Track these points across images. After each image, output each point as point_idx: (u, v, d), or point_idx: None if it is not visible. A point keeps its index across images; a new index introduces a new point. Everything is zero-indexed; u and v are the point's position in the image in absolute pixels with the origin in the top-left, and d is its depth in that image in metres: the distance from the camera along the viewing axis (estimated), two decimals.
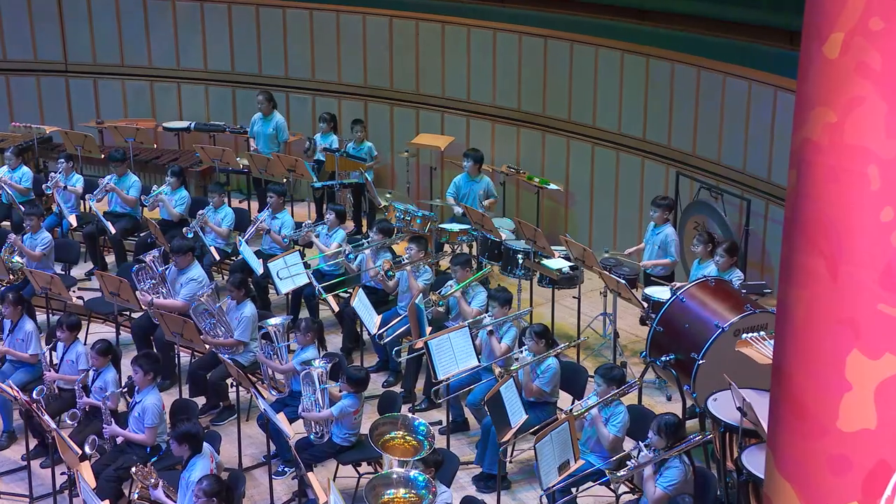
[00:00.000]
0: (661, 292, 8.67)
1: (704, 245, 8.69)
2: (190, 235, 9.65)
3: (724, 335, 7.46)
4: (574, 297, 9.33)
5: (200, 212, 10.04)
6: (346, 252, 9.09)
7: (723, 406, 6.79)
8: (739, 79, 9.66)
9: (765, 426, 4.94)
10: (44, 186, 10.79)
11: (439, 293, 8.52)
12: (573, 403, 7.72)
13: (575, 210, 11.39)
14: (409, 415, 6.56)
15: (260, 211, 10.20)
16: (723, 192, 9.71)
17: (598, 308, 9.64)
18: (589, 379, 7.95)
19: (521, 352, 7.60)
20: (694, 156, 10.21)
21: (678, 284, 8.59)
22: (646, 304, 8.64)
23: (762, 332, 7.34)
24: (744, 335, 7.38)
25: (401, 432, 6.17)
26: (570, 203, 11.41)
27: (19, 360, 8.32)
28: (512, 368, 7.41)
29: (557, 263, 9.33)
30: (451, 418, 7.97)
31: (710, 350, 7.46)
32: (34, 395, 7.55)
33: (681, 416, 7.60)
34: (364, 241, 9.41)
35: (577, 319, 9.30)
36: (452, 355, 7.62)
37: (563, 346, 7.72)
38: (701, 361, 7.47)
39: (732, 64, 9.80)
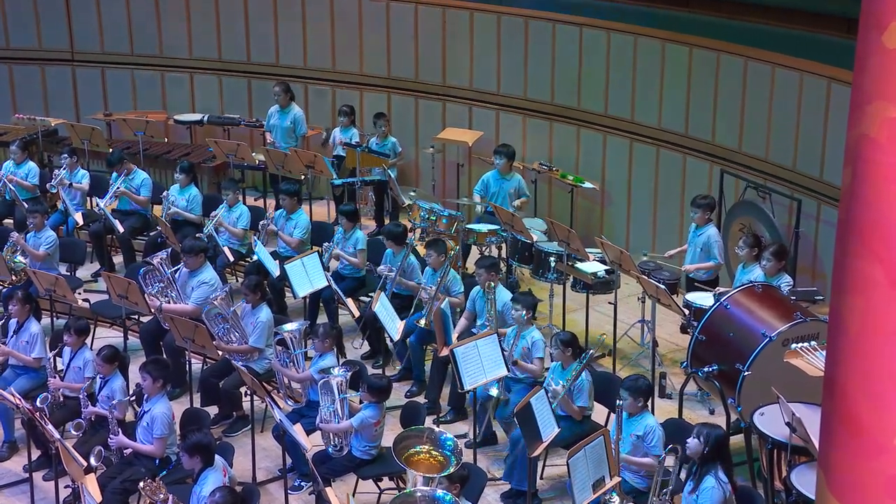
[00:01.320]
0: (703, 298, 8.63)
1: (750, 248, 8.65)
2: (204, 238, 9.71)
3: (771, 345, 7.42)
4: (610, 303, 9.31)
5: (214, 213, 10.10)
6: (399, 272, 8.98)
7: (770, 421, 6.75)
8: (790, 70, 9.61)
9: (816, 443, 4.91)
10: (48, 186, 10.88)
11: (555, 385, 7.65)
12: (608, 416, 7.71)
13: (611, 210, 11.36)
14: (436, 428, 6.56)
15: (277, 210, 10.24)
16: (771, 192, 9.66)
17: (636, 315, 9.61)
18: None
19: (554, 384, 7.47)
20: (740, 152, 10.16)
21: (722, 290, 8.57)
22: (687, 311, 8.61)
23: (813, 343, 7.29)
24: (793, 345, 7.33)
25: (426, 446, 6.18)
26: (606, 203, 11.38)
27: (22, 365, 8.39)
28: (555, 387, 7.36)
29: (592, 267, 9.32)
30: (478, 431, 7.96)
31: (757, 361, 7.43)
32: (37, 403, 7.60)
33: (726, 430, 7.58)
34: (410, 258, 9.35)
35: (612, 327, 9.27)
36: (480, 363, 7.63)
37: (589, 352, 7.62)
38: (746, 373, 7.44)
39: (782, 54, 9.75)
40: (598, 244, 9.26)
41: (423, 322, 8.70)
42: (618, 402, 6.88)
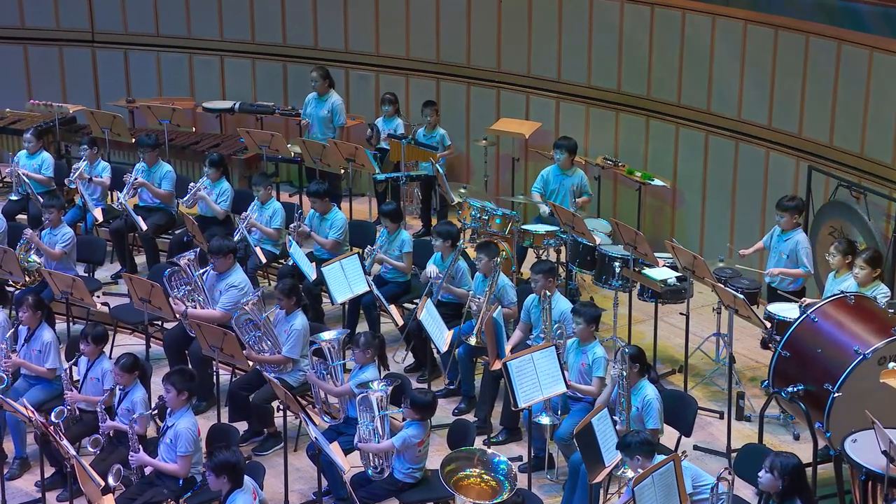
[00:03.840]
0: (788, 310, 8.53)
1: (842, 255, 8.54)
2: (237, 239, 9.76)
3: (865, 363, 7.32)
4: (681, 314, 9.24)
5: (245, 213, 10.15)
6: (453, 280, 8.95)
7: (864, 449, 6.66)
8: (890, 54, 9.46)
9: None
10: (66, 181, 10.99)
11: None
12: (679, 440, 7.64)
13: (684, 210, 11.26)
14: (488, 450, 6.54)
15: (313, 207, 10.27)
16: (866, 192, 9.53)
17: (711, 327, 9.52)
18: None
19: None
20: (831, 147, 10.04)
21: (809, 301, 8.45)
22: (769, 324, 8.51)
23: None
24: (890, 364, 7.24)
25: (477, 469, 6.17)
26: (677, 202, 11.29)
27: (36, 375, 8.48)
28: (618, 428, 7.30)
29: (662, 273, 9.24)
30: (532, 453, 7.93)
31: (849, 381, 7.34)
32: (52, 417, 7.68)
33: (812, 459, 7.49)
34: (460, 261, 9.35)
35: (684, 340, 9.19)
36: (536, 379, 7.60)
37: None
38: (837, 394, 7.34)
39: (882, 37, 9.60)
40: (669, 248, 9.19)
41: (472, 340, 8.67)
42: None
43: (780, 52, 10.28)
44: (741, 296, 8.41)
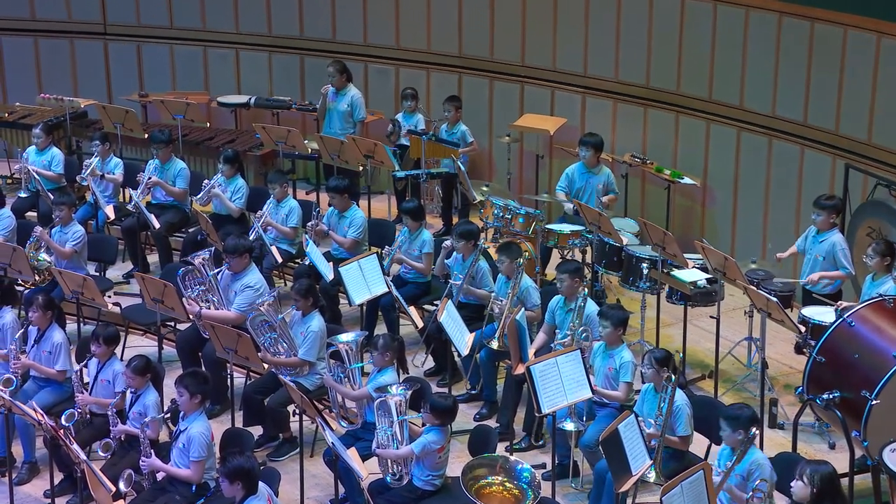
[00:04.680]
0: (823, 314, 8.49)
1: (881, 256, 8.49)
2: (252, 238, 9.78)
3: None
4: (712, 317, 9.20)
5: (260, 212, 10.16)
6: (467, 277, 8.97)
7: None
8: None
9: None
10: (78, 178, 11.03)
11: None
12: (709, 448, 7.61)
13: (715, 210, 11.22)
14: (511, 457, 6.54)
15: (331, 205, 10.28)
16: None
17: (742, 331, 9.48)
18: None
19: (646, 426, 7.36)
20: (869, 144, 9.99)
21: (845, 304, 8.41)
22: (803, 328, 8.47)
23: None
24: None
25: (500, 477, 6.18)
26: (708, 201, 11.26)
27: (45, 377, 8.52)
28: (648, 431, 7.27)
29: (691, 275, 9.22)
30: (557, 461, 7.92)
31: (888, 387, 7.29)
32: (62, 421, 7.71)
33: (848, 469, 7.44)
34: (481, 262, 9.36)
35: (714, 344, 9.16)
36: (560, 384, 7.58)
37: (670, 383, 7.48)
38: (875, 402, 7.30)
39: None
40: (699, 249, 9.15)
41: (494, 344, 8.66)
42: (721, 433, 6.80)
43: (816, 45, 10.23)
44: (774, 299, 8.37)
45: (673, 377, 7.38)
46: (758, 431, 7.01)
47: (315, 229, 10.00)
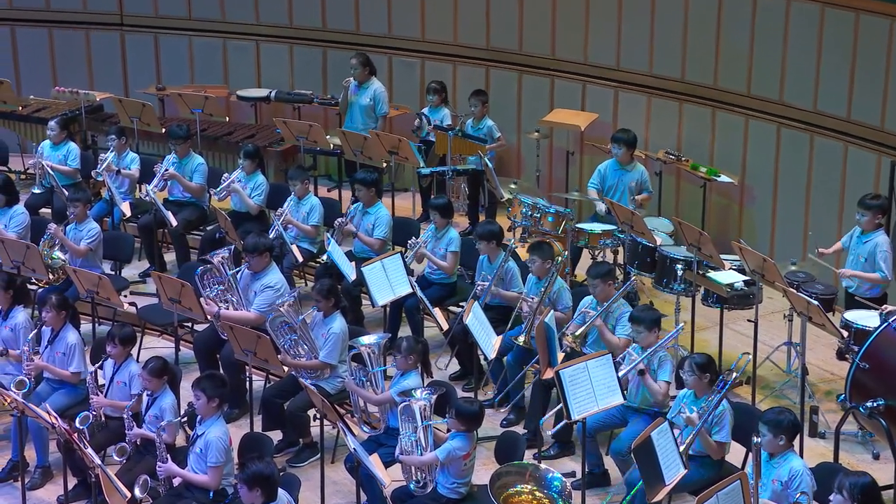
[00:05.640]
0: (866, 318, 8.46)
1: None
2: (272, 236, 9.81)
3: None
4: (749, 321, 9.17)
5: (281, 209, 10.19)
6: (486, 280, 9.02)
7: None
8: None
9: None
10: (93, 173, 11.09)
11: (571, 332, 8.40)
12: (746, 457, 7.58)
13: (753, 209, 11.18)
14: (540, 465, 6.54)
15: (354, 203, 10.30)
16: None
17: (782, 336, 9.45)
18: None
19: (688, 411, 7.39)
20: None
21: (891, 308, 8.35)
22: (846, 333, 8.44)
23: None
24: None
25: (529, 486, 6.18)
26: (746, 200, 11.22)
27: (59, 380, 8.58)
28: (688, 414, 7.28)
29: (728, 277, 9.19)
30: (587, 469, 7.91)
31: None
32: (76, 424, 7.75)
33: (893, 480, 7.40)
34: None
35: (752, 349, 9.12)
36: (591, 389, 7.57)
37: (730, 379, 7.53)
38: None
39: None
40: (736, 250, 9.12)
41: (521, 339, 8.67)
42: (754, 438, 6.77)
43: (860, 37, 10.17)
44: (815, 302, 8.34)
45: (730, 379, 7.37)
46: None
47: (343, 228, 10.01)
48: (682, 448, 6.96)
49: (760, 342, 9.16)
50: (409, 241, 9.76)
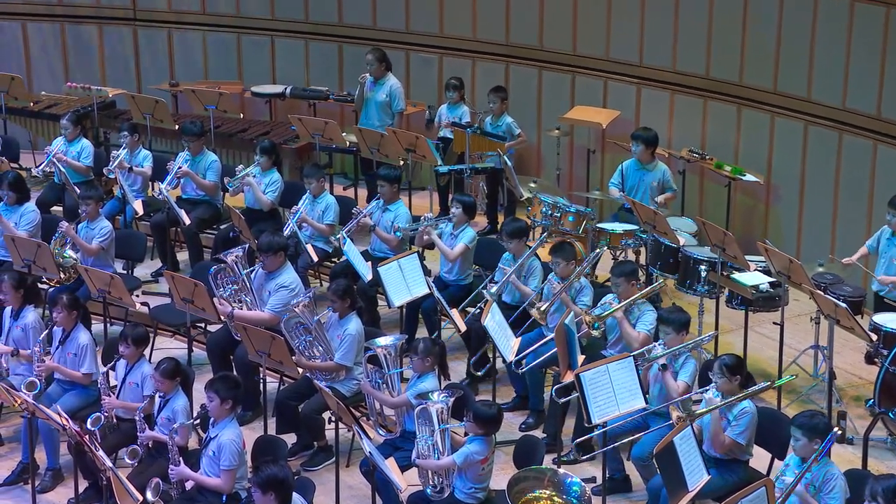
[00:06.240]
0: (895, 321, 8.41)
1: None
2: (286, 233, 9.83)
3: None
4: (775, 324, 9.16)
5: (296, 207, 10.21)
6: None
7: None
8: None
9: None
10: (105, 170, 11.12)
11: (593, 312, 8.47)
12: (772, 463, 7.57)
13: (779, 209, 11.15)
14: (559, 469, 6.54)
15: (369, 201, 10.31)
16: None
17: (808, 339, 9.42)
18: None
19: (706, 391, 7.47)
20: None
21: None
22: (875, 337, 8.41)
23: None
24: None
25: (548, 491, 6.19)
26: (772, 199, 11.19)
27: (70, 381, 8.61)
28: (695, 412, 7.28)
29: (753, 278, 9.17)
30: (608, 474, 7.90)
31: None
32: (88, 426, 7.78)
33: None
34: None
35: (778, 353, 9.11)
36: (612, 393, 7.57)
37: (759, 386, 7.56)
38: None
39: None
40: (762, 250, 9.11)
41: (543, 306, 8.62)
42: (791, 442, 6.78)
43: (891, 32, 10.13)
44: (843, 304, 8.31)
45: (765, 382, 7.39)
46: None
47: (360, 220, 10.00)
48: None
49: (786, 346, 9.14)
50: (423, 216, 9.75)
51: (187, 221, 10.59)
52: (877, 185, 10.34)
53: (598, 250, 9.68)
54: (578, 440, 8.02)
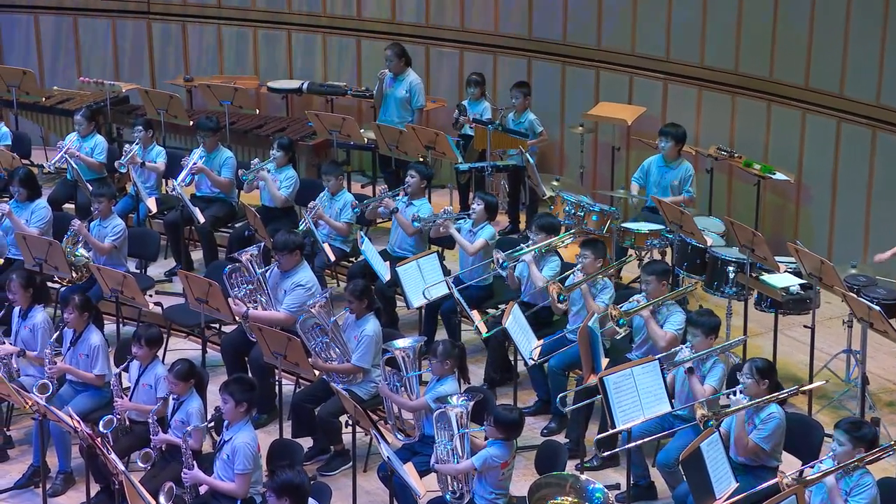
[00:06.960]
0: None
1: None
2: (301, 229, 9.84)
3: None
4: (806, 327, 9.13)
5: (313, 203, 10.22)
6: (501, 261, 9.10)
7: None
8: None
9: None
10: (117, 164, 11.16)
11: (620, 309, 8.45)
12: (802, 468, 7.53)
13: (810, 208, 11.12)
14: (582, 476, 6.53)
15: (403, 195, 10.26)
16: None
17: (841, 343, 9.40)
18: (825, 438, 7.74)
19: (733, 392, 7.44)
20: None
21: None
22: None
23: None
24: None
25: (570, 498, 6.17)
26: (803, 199, 11.15)
27: (82, 382, 8.64)
28: (721, 411, 7.26)
29: (783, 280, 9.14)
30: (632, 481, 7.88)
31: None
32: (100, 428, 7.80)
33: None
34: (522, 244, 9.40)
35: (809, 357, 9.08)
36: (636, 397, 7.56)
37: (789, 390, 7.54)
38: None
39: None
40: (792, 251, 9.08)
41: (555, 289, 8.68)
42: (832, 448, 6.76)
43: None
44: (877, 307, 8.28)
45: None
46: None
47: (383, 200, 10.01)
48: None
49: (817, 349, 9.11)
50: (443, 210, 9.78)
51: (202, 220, 10.61)
52: None
53: (630, 255, 9.68)
54: (600, 436, 7.99)
